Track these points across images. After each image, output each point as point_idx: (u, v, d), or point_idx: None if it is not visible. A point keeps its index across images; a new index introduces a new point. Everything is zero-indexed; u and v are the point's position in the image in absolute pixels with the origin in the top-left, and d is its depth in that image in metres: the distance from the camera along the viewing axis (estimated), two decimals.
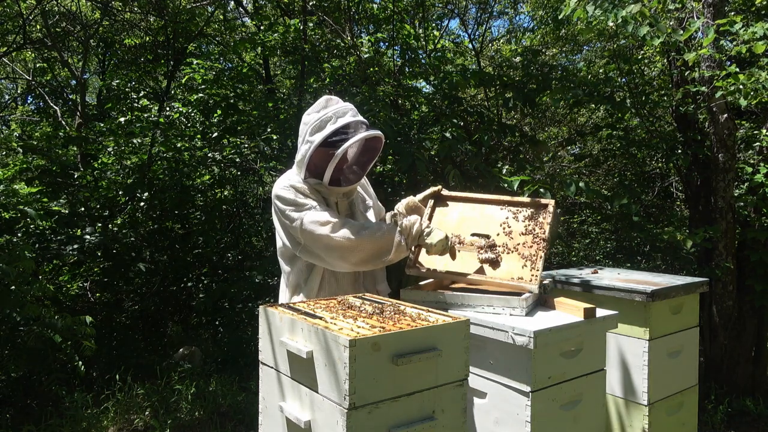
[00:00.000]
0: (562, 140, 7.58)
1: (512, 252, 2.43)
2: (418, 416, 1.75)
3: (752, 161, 4.87)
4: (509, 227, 2.50)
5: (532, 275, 2.33)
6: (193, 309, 5.75)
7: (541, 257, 2.37)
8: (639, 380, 2.78)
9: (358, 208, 2.62)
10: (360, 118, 2.43)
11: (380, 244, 2.32)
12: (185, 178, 5.57)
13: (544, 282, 2.44)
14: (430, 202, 2.63)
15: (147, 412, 4.13)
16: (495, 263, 2.40)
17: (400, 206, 2.68)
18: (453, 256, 2.38)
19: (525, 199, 2.58)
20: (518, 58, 5.96)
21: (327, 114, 2.39)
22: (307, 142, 2.41)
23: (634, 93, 5.19)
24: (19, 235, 4.74)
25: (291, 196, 2.42)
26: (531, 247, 2.40)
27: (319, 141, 2.36)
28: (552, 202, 2.50)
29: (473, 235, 2.50)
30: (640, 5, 3.40)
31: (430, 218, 2.57)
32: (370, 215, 2.66)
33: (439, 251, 2.33)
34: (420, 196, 2.68)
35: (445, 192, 2.67)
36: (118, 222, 5.53)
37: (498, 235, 2.49)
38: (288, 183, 2.48)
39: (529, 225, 2.47)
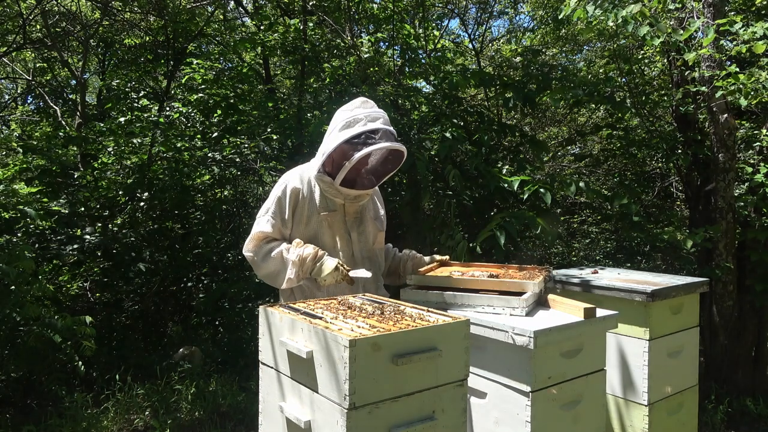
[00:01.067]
0: (562, 140, 7.58)
1: (513, 278, 2.52)
2: (418, 416, 1.75)
3: (752, 161, 4.87)
4: (510, 275, 2.66)
5: (533, 279, 2.39)
6: (193, 309, 5.75)
7: (542, 277, 2.50)
8: (639, 380, 2.79)
9: (368, 215, 2.65)
10: (390, 127, 2.46)
11: (275, 273, 2.46)
12: (185, 178, 5.57)
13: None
14: (434, 263, 2.78)
15: (147, 412, 4.13)
16: (496, 278, 2.48)
17: (408, 261, 2.80)
18: (350, 282, 2.39)
19: (524, 266, 2.80)
20: (518, 58, 5.97)
21: (359, 115, 2.43)
22: (333, 136, 2.45)
23: (634, 93, 5.19)
24: (19, 235, 4.74)
25: (273, 195, 2.54)
26: (530, 277, 2.54)
27: (344, 138, 2.39)
28: (550, 268, 2.79)
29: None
30: (640, 5, 3.40)
31: (430, 269, 2.68)
32: (383, 220, 2.73)
33: (332, 282, 2.38)
34: (427, 258, 2.80)
35: (451, 262, 2.90)
36: (118, 222, 5.53)
37: (499, 275, 2.62)
38: (287, 179, 2.56)
39: (527, 275, 2.63)
